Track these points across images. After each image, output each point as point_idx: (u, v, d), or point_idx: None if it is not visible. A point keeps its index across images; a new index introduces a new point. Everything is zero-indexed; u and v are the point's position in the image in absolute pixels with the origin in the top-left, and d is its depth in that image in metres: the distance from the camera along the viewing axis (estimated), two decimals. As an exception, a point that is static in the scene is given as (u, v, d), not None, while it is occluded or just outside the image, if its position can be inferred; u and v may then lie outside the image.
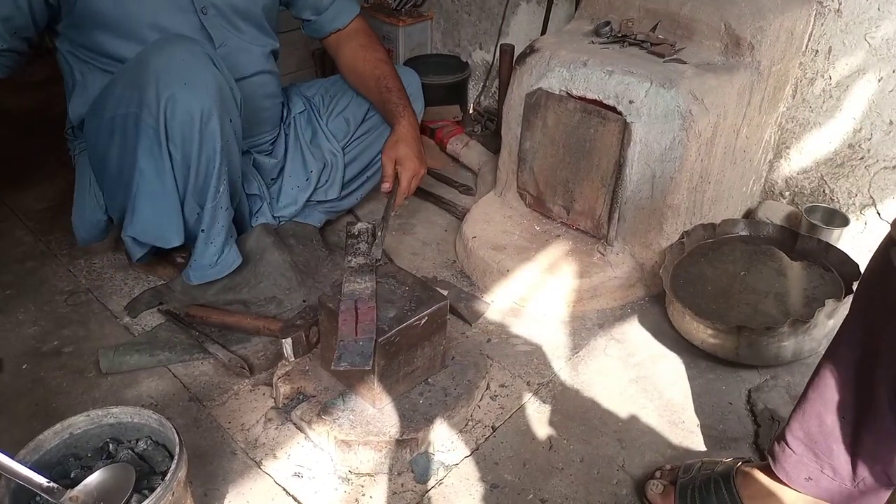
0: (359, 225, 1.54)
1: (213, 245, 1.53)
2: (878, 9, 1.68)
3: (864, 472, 1.01)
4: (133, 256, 1.61)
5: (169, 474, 0.97)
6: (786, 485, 1.09)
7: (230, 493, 1.24)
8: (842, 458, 1.02)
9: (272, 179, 1.80)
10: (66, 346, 1.56)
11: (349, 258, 1.42)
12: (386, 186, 1.63)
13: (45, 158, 2.27)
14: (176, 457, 1.00)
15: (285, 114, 1.83)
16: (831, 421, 1.02)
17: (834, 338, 1.03)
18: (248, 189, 1.71)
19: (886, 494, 1.04)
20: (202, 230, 1.51)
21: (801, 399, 1.07)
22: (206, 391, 1.45)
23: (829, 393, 1.02)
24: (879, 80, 1.74)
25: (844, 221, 1.82)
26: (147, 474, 1.07)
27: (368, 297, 1.29)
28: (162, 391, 1.45)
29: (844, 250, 1.64)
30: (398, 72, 1.82)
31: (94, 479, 1.02)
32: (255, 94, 1.66)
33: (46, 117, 2.41)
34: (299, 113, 1.84)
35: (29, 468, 0.98)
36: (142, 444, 1.10)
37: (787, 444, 1.07)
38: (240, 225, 1.68)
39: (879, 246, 0.95)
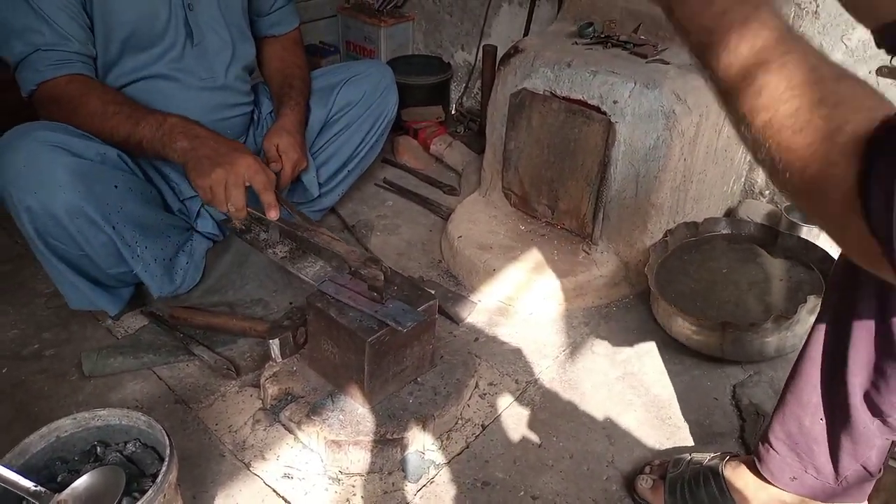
0: (232, 223, 1.44)
1: (156, 278, 1.49)
2: (855, 11, 1.71)
3: (845, 470, 1.03)
4: (112, 313, 1.56)
5: (160, 476, 0.96)
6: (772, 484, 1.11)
7: (219, 495, 1.23)
8: (822, 457, 1.03)
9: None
10: (48, 350, 1.54)
11: (271, 251, 1.39)
12: (276, 167, 1.55)
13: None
14: (166, 458, 0.99)
15: (256, 116, 1.81)
16: (809, 422, 1.03)
17: (805, 340, 1.05)
18: (186, 193, 1.63)
19: (870, 486, 1.06)
20: (137, 274, 1.46)
21: (780, 400, 1.09)
22: (193, 393, 1.43)
23: (804, 395, 1.03)
24: (856, 81, 1.77)
25: (823, 219, 1.85)
26: (136, 477, 1.06)
27: (345, 279, 1.28)
28: (147, 394, 1.43)
29: (824, 247, 1.67)
30: (371, 67, 1.85)
31: (82, 482, 1.01)
32: (225, 103, 1.64)
33: (22, 116, 2.37)
34: (269, 113, 1.83)
35: (15, 472, 0.97)
36: (130, 447, 1.09)
37: (770, 445, 1.09)
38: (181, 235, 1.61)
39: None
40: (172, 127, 1.31)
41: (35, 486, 0.97)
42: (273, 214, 1.24)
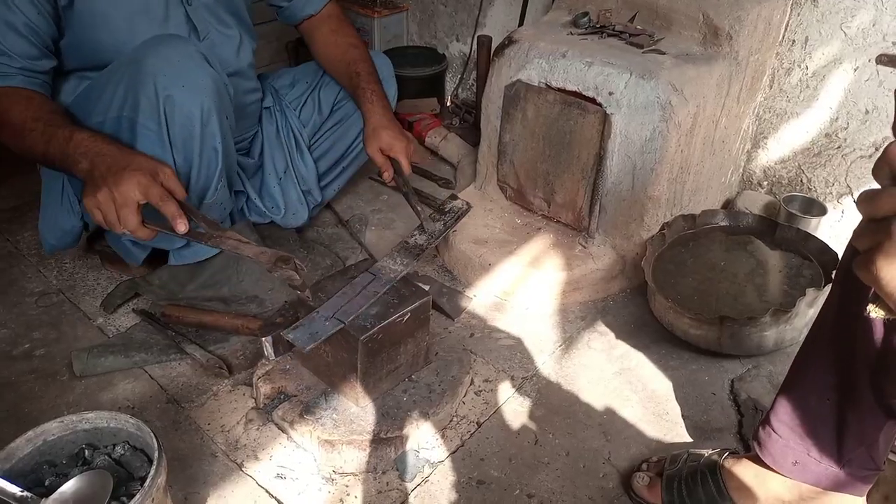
0: (455, 203, 1.50)
1: (220, 206, 1.50)
2: (854, -2, 1.69)
3: (849, 453, 1.01)
4: (136, 260, 1.57)
5: (148, 480, 0.95)
6: (773, 470, 1.09)
7: (211, 496, 1.21)
8: (827, 439, 1.02)
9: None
10: (38, 349, 1.52)
11: (415, 232, 1.44)
12: (387, 176, 1.60)
13: (11, 156, 2.19)
14: (155, 462, 0.97)
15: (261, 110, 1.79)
16: (815, 403, 1.02)
17: (815, 321, 1.04)
18: (234, 186, 1.66)
19: (872, 479, 1.04)
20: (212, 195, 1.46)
21: (785, 383, 1.08)
22: (185, 392, 1.42)
23: (811, 375, 1.02)
24: (855, 70, 1.75)
25: (822, 210, 1.84)
26: (125, 480, 1.04)
27: (383, 283, 1.29)
28: (138, 393, 1.42)
29: (823, 239, 1.66)
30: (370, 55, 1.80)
31: (69, 486, 0.99)
32: (239, 89, 1.62)
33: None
34: (266, 108, 1.80)
35: (0, 478, 0.95)
36: (119, 450, 1.07)
37: (772, 428, 1.08)
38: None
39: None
40: (77, 145, 1.23)
41: (21, 492, 0.95)
42: (181, 227, 1.17)
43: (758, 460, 1.11)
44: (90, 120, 1.38)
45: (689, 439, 1.36)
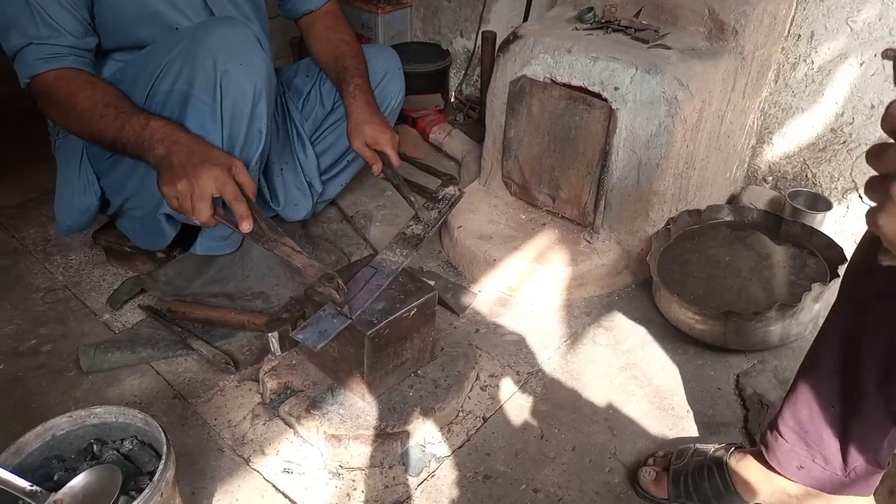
0: (447, 190, 1.50)
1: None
2: (860, -7, 1.69)
3: (854, 460, 1.01)
4: (165, 239, 1.57)
5: (157, 474, 0.95)
6: (778, 472, 1.10)
7: (219, 491, 1.22)
8: (832, 446, 1.02)
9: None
10: (45, 345, 1.52)
11: (411, 223, 1.44)
12: (376, 170, 1.60)
13: (16, 152, 2.20)
14: (164, 456, 0.98)
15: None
16: (821, 409, 1.02)
17: (821, 326, 1.03)
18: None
19: (877, 479, 1.04)
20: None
21: (792, 388, 1.07)
22: (191, 388, 1.42)
23: (817, 381, 1.02)
24: (861, 65, 1.75)
25: (827, 205, 1.84)
26: (134, 475, 1.04)
27: (386, 275, 1.29)
28: (145, 389, 1.42)
29: (828, 234, 1.65)
30: (373, 51, 1.79)
31: (78, 481, 0.99)
32: None
33: (14, 109, 2.35)
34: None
35: (10, 472, 0.96)
36: (127, 445, 1.08)
37: (779, 432, 1.07)
38: None
39: (864, 235, 0.95)
40: (153, 132, 1.28)
41: (31, 486, 0.96)
42: (245, 227, 1.21)
43: (763, 458, 1.12)
44: (136, 96, 1.39)
45: (695, 434, 1.36)
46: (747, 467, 1.14)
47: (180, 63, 1.35)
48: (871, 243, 0.91)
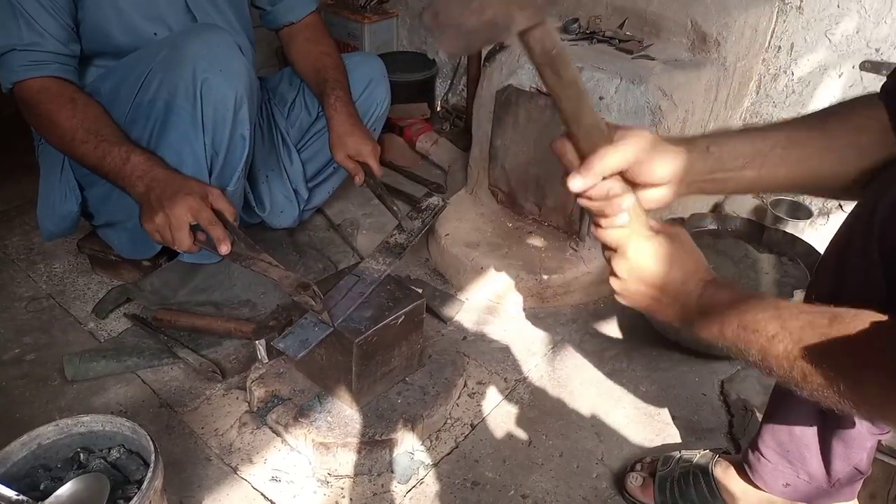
0: (431, 200, 1.52)
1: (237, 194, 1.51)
2: (838, 6, 1.72)
3: (838, 473, 1.03)
4: (153, 248, 1.57)
5: (145, 482, 0.94)
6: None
7: (206, 500, 1.21)
8: (814, 463, 1.03)
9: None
10: (28, 354, 1.51)
11: (394, 232, 1.45)
12: (358, 181, 1.61)
13: (-1, 160, 2.19)
14: (152, 464, 0.97)
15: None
16: (800, 429, 1.02)
17: None
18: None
19: (860, 483, 1.06)
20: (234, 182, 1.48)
21: (769, 408, 1.07)
22: (177, 397, 1.41)
23: (794, 401, 1.02)
24: (840, 76, 1.78)
25: (808, 214, 1.87)
26: (121, 484, 1.04)
27: (368, 283, 1.30)
28: (131, 398, 1.41)
29: (809, 242, 1.68)
30: (358, 58, 1.80)
31: (65, 490, 0.99)
32: None
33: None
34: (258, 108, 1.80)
35: (-4, 482, 0.95)
36: (114, 453, 1.07)
37: (760, 453, 1.08)
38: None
39: (829, 243, 0.95)
40: (133, 168, 1.30)
41: (17, 496, 0.95)
42: (223, 249, 1.24)
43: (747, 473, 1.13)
44: (118, 104, 1.40)
45: (680, 440, 1.37)
46: (732, 475, 1.15)
47: (162, 72, 1.35)
48: (835, 247, 0.90)
